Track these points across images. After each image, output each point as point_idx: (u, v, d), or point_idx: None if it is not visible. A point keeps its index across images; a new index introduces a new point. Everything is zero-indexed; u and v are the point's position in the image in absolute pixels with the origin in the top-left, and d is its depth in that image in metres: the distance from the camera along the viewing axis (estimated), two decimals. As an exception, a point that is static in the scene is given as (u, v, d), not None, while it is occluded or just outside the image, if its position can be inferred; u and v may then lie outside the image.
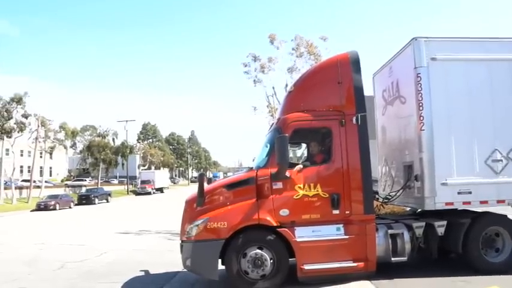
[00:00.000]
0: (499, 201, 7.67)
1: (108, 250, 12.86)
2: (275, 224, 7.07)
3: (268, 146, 7.70)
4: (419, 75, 7.65)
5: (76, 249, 13.37)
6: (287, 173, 7.11)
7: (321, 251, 7.07)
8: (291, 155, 8.18)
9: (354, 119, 7.33)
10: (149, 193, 62.02)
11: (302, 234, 7.09)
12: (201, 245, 7.05)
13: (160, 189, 67.63)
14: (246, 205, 7.14)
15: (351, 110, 7.38)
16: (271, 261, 7.03)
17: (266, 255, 7.02)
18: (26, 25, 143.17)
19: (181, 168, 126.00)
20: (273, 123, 8.37)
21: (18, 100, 40.93)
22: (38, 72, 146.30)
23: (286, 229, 7.07)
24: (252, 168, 7.96)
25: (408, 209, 9.39)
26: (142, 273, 9.33)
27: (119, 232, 17.67)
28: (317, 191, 7.19)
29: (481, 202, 7.65)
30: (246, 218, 7.06)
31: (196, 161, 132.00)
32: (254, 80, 24.12)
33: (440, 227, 7.56)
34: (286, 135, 7.09)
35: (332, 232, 7.18)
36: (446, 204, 7.57)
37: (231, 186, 7.57)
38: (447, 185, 7.51)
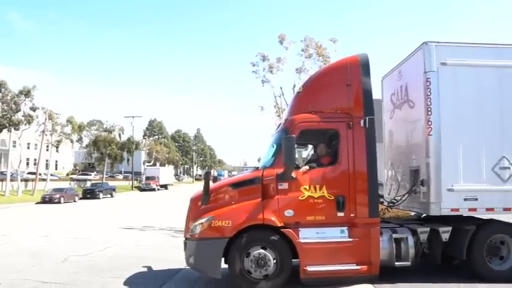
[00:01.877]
0: (505, 209, 7.63)
1: (112, 245, 12.90)
2: (279, 225, 7.06)
3: (275, 146, 7.70)
4: (428, 79, 7.62)
5: (80, 243, 13.43)
6: (293, 174, 7.10)
7: (325, 252, 7.06)
8: (296, 156, 8.15)
9: (362, 122, 7.32)
10: (153, 189, 62.28)
11: (306, 236, 7.09)
12: (204, 243, 7.06)
13: (165, 186, 67.82)
14: (251, 204, 7.14)
15: (359, 112, 7.36)
16: (275, 261, 7.03)
17: (269, 255, 7.02)
18: (36, 19, 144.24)
19: (186, 166, 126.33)
20: (280, 124, 8.36)
21: (26, 93, 41.14)
22: (47, 66, 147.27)
23: (290, 230, 7.07)
24: (258, 168, 7.96)
25: (413, 213, 9.36)
26: (145, 269, 9.35)
27: (123, 227, 17.73)
28: (322, 192, 7.18)
29: (487, 209, 7.61)
30: (251, 218, 7.06)
31: (201, 158, 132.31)
32: (262, 80, 24.14)
33: (445, 232, 7.52)
34: (294, 136, 7.09)
35: (336, 234, 7.17)
36: (452, 210, 7.53)
37: (236, 185, 7.58)
38: (453, 191, 7.48)
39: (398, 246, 7.46)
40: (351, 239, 7.13)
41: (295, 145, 7.21)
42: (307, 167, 7.39)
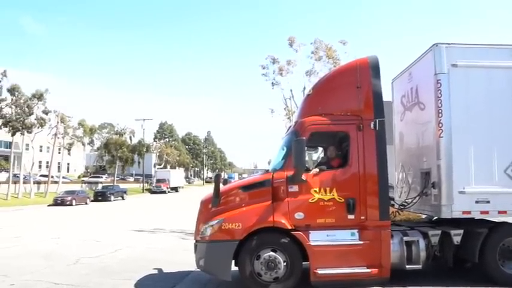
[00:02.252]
0: None
1: (123, 247, 12.99)
2: (290, 227, 7.06)
3: (285, 149, 7.71)
4: (439, 81, 7.57)
5: (91, 245, 13.56)
6: (303, 177, 7.10)
7: (335, 255, 7.04)
8: (307, 158, 8.16)
9: (372, 124, 7.29)
10: (164, 192, 62.51)
11: (316, 238, 7.07)
12: (215, 246, 7.08)
13: (175, 189, 68.08)
14: (261, 207, 7.15)
15: (369, 115, 7.34)
16: (285, 264, 7.03)
17: (280, 257, 7.02)
18: (49, 23, 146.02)
19: (196, 168, 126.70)
20: (290, 126, 8.37)
21: (39, 96, 41.67)
22: (59, 69, 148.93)
23: (300, 232, 7.06)
24: (268, 170, 7.97)
25: (424, 216, 9.29)
26: (155, 271, 9.41)
27: (134, 229, 17.84)
28: (333, 195, 7.16)
29: (500, 212, 7.53)
30: (261, 220, 7.07)
31: (211, 161, 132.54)
32: (272, 83, 24.21)
33: (457, 235, 7.45)
34: (304, 138, 7.10)
35: (347, 237, 7.15)
36: (464, 213, 7.46)
37: (246, 187, 7.60)
38: (465, 193, 7.40)
39: (409, 249, 7.40)
40: (361, 242, 7.09)
41: (305, 147, 7.22)
42: (317, 170, 7.38)
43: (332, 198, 7.16)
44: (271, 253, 7.04)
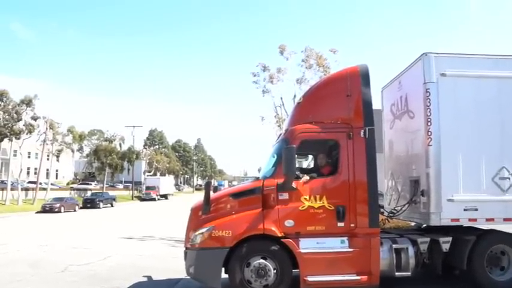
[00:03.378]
0: (505, 219, 7.63)
1: (112, 254, 12.87)
2: (280, 235, 7.06)
3: (276, 156, 7.71)
4: (428, 90, 7.66)
5: (80, 253, 13.42)
6: (293, 184, 7.11)
7: (325, 263, 7.04)
8: (297, 165, 8.17)
9: (362, 132, 7.33)
10: (154, 199, 62.20)
11: (306, 246, 7.07)
12: (205, 253, 7.05)
13: (165, 196, 67.74)
14: (251, 214, 7.14)
15: (359, 123, 7.38)
16: (275, 271, 7.02)
17: (270, 265, 7.01)
18: (38, 29, 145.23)
19: (186, 176, 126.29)
20: (280, 134, 8.40)
21: (28, 102, 41.35)
22: (46, 75, 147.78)
23: (290, 240, 7.06)
24: (258, 178, 7.98)
25: (413, 224, 9.35)
26: (145, 279, 9.34)
27: (123, 237, 17.70)
28: (323, 202, 7.18)
29: (487, 220, 7.61)
30: (251, 228, 7.05)
31: (201, 168, 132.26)
32: (263, 90, 24.39)
33: (446, 243, 7.52)
34: (294, 146, 7.11)
35: (336, 244, 7.15)
36: (452, 220, 7.52)
37: (237, 195, 7.59)
38: (453, 201, 7.48)
39: (398, 256, 7.43)
40: (351, 249, 7.11)
41: (296, 155, 7.23)
42: (307, 177, 7.37)
43: (322, 205, 7.17)
44: (261, 260, 7.02)
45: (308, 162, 10.29)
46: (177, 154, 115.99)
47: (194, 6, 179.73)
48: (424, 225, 8.54)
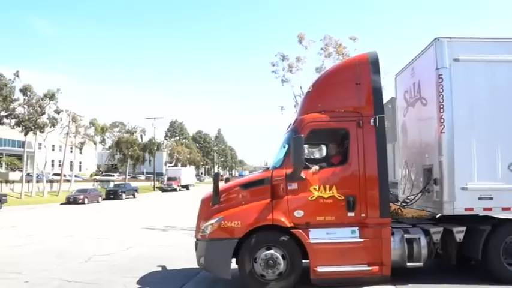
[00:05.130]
0: None
1: (134, 245, 13.06)
2: (289, 225, 7.03)
3: (286, 146, 7.66)
4: (441, 76, 7.46)
5: (103, 243, 13.68)
6: (302, 174, 7.05)
7: (335, 253, 6.99)
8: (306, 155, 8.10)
9: (372, 121, 7.21)
10: (175, 190, 62.79)
11: (316, 236, 7.03)
12: (214, 244, 7.09)
13: (186, 187, 68.30)
14: (260, 205, 7.13)
15: (369, 111, 7.26)
16: (285, 261, 7.00)
17: (279, 255, 7.00)
18: (59, 23, 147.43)
19: (207, 166, 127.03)
20: (290, 124, 8.34)
21: (51, 96, 42.05)
22: (70, 69, 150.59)
23: (300, 230, 7.03)
24: (268, 168, 7.94)
25: (427, 213, 9.18)
26: (166, 269, 9.47)
27: (145, 227, 17.90)
28: (332, 193, 7.11)
29: (503, 209, 7.40)
30: (260, 218, 7.05)
31: (222, 159, 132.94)
32: (282, 80, 24.13)
33: (459, 233, 7.35)
34: (302, 135, 7.03)
35: (347, 235, 7.09)
36: (466, 209, 7.35)
37: (246, 185, 7.58)
38: (467, 189, 7.30)
39: (410, 246, 7.31)
40: (361, 240, 7.04)
41: (304, 145, 7.16)
42: (316, 167, 7.31)
43: (332, 195, 7.10)
44: (271, 251, 7.01)
45: (321, 152, 10.20)
46: (197, 145, 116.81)
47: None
48: (439, 215, 8.38)
